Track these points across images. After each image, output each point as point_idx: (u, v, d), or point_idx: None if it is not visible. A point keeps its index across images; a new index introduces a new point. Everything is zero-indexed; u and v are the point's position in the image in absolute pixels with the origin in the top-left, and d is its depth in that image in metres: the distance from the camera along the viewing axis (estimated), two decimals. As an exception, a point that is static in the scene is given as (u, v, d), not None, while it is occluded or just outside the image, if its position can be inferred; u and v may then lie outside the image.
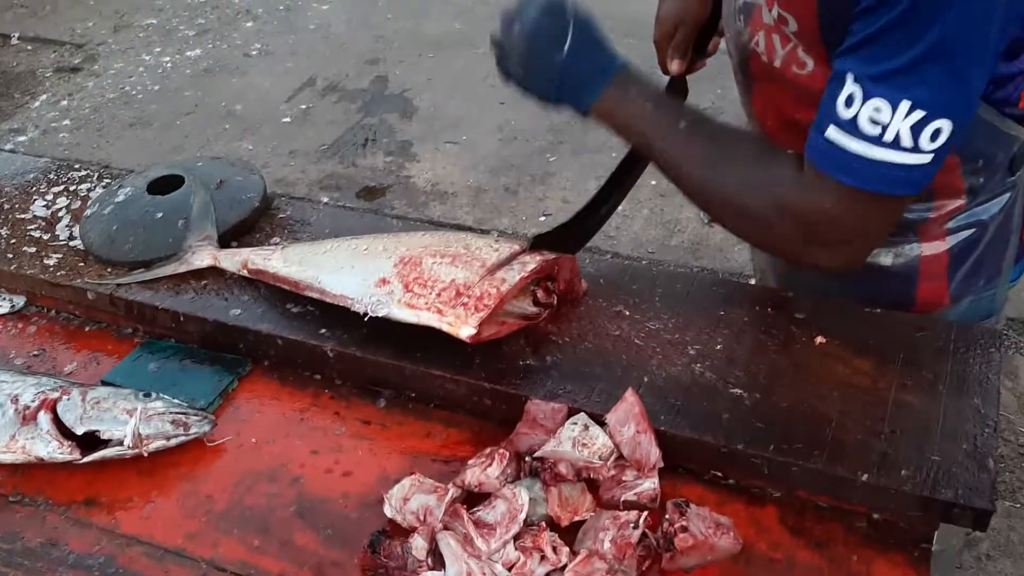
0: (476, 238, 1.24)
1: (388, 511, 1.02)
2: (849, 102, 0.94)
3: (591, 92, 1.09)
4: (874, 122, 0.92)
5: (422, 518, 1.01)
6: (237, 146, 4.06)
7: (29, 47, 5.14)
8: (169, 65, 4.84)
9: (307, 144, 4.05)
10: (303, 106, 4.37)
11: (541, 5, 1.08)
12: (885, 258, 1.24)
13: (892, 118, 0.91)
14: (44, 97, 4.62)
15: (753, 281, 1.75)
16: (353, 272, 1.22)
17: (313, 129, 4.18)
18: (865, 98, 0.92)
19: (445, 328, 1.12)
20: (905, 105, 0.91)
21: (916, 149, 0.92)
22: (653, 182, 1.29)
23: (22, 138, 4.25)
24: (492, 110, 4.17)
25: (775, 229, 1.05)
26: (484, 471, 1.04)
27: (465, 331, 1.11)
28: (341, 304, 1.20)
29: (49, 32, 5.25)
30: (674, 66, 1.33)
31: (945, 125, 0.92)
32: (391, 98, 4.38)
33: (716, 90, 3.33)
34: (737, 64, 1.24)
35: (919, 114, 0.91)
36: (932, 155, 0.93)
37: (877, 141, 0.93)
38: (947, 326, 1.18)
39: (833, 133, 0.96)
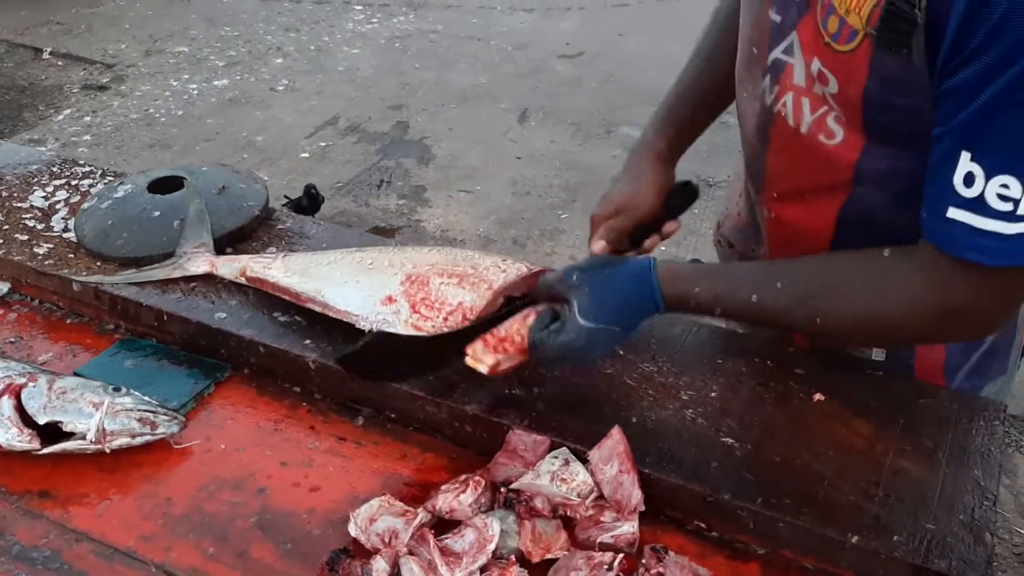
0: (484, 256, 1.21)
1: (352, 530, 0.97)
2: (969, 181, 0.87)
3: (655, 307, 1.07)
4: (1003, 198, 0.86)
5: (387, 540, 0.96)
6: (253, 176, 4.08)
7: (60, 63, 5.21)
8: (195, 92, 4.89)
9: (323, 180, 4.06)
10: (323, 143, 4.39)
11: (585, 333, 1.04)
12: (878, 355, 1.21)
13: (1023, 192, 0.85)
14: (68, 112, 4.66)
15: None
16: (358, 287, 1.20)
17: (330, 166, 4.19)
18: (988, 175, 0.86)
19: (468, 360, 1.08)
20: None
21: None
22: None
23: (40, 148, 4.27)
24: (508, 164, 4.18)
25: (912, 328, 1.01)
26: (457, 497, 0.99)
27: (482, 368, 1.07)
28: (345, 320, 1.17)
29: (81, 50, 5.33)
30: (596, 246, 1.27)
31: None
32: (410, 143, 4.40)
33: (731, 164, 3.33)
34: (754, 128, 1.17)
35: None
36: None
37: (1011, 217, 0.86)
38: (950, 395, 1.13)
39: (957, 213, 0.89)
